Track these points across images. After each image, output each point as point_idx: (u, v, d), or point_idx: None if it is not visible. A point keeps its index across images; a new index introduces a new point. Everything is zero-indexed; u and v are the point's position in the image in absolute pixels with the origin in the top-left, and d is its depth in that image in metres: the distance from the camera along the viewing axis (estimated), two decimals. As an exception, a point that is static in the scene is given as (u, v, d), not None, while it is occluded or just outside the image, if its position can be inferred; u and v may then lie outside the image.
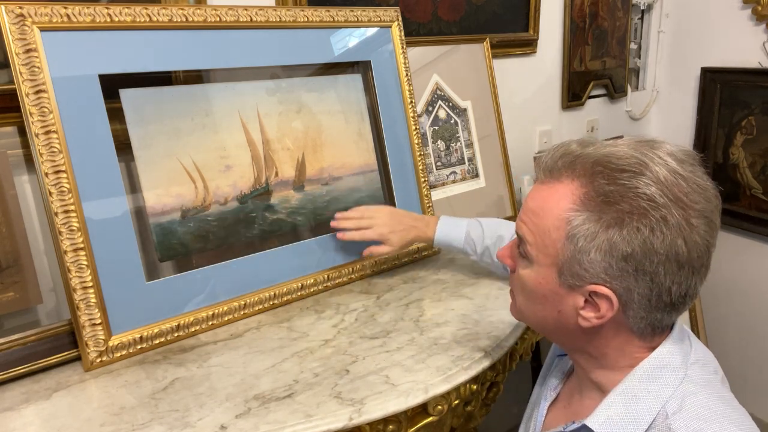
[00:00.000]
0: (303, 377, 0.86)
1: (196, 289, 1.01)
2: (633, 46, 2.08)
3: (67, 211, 0.88)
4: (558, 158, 0.63)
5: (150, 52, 0.97)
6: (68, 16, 0.88)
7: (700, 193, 0.59)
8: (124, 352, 0.93)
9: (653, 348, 0.65)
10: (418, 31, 1.46)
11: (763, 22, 1.81)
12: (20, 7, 0.84)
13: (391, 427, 0.82)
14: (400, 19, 1.28)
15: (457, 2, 1.53)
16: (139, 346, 0.94)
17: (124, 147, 0.95)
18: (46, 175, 0.86)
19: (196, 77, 1.07)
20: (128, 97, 0.96)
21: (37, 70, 0.85)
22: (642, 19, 2.10)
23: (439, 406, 0.85)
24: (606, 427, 0.63)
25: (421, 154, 1.30)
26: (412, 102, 1.29)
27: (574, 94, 1.91)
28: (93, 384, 0.87)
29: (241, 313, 1.05)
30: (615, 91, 2.02)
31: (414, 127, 1.29)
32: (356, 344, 0.95)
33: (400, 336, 0.97)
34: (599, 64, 1.94)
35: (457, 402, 0.88)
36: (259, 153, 1.09)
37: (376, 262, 1.22)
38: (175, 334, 0.98)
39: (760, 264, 1.96)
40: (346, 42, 1.21)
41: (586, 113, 1.99)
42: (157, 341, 0.96)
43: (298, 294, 1.12)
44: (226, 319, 1.03)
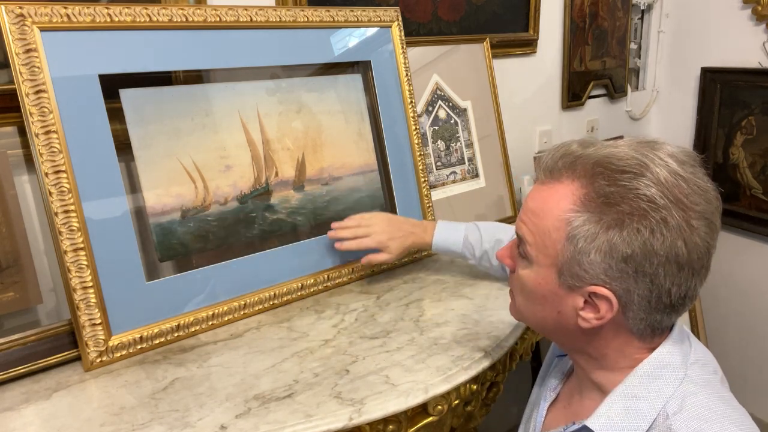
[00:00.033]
0: (303, 377, 0.86)
1: (196, 289, 1.01)
2: (633, 46, 2.08)
3: (67, 211, 0.88)
4: (558, 159, 0.63)
5: (150, 52, 0.97)
6: (68, 16, 0.88)
7: (701, 195, 0.59)
8: (124, 352, 0.93)
9: (653, 349, 0.65)
10: (418, 31, 1.46)
11: (763, 22, 1.81)
12: (20, 7, 0.84)
13: (391, 427, 0.82)
14: (400, 19, 1.28)
15: (457, 2, 1.53)
16: (139, 346, 0.94)
17: (124, 147, 0.95)
18: (46, 175, 0.86)
19: (196, 77, 1.07)
20: (128, 97, 0.96)
21: (37, 70, 0.85)
22: (642, 19, 2.10)
23: (439, 406, 0.85)
24: (607, 428, 0.63)
25: (421, 154, 1.30)
26: (412, 102, 1.29)
27: (574, 94, 1.91)
28: (93, 384, 0.87)
29: (241, 313, 1.05)
30: (615, 91, 2.02)
31: (414, 127, 1.29)
32: (356, 344, 0.95)
33: (400, 336, 0.97)
34: (599, 64, 1.94)
35: (457, 402, 0.88)
36: (259, 153, 1.09)
37: (376, 262, 1.22)
38: (175, 334, 0.98)
39: (760, 264, 1.96)
40: (346, 42, 1.21)
41: (586, 113, 1.99)
42: (157, 341, 0.96)
43: (298, 294, 1.12)
44: (226, 319, 1.03)
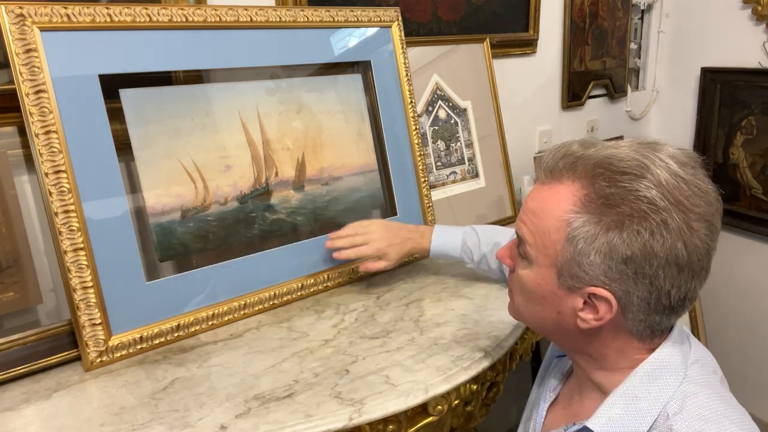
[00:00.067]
0: (303, 377, 0.86)
1: (196, 289, 1.01)
2: (633, 46, 2.08)
3: (67, 211, 0.88)
4: (559, 159, 0.63)
5: (150, 52, 0.97)
6: (68, 16, 0.88)
7: (701, 197, 0.59)
8: (124, 352, 0.93)
9: (653, 349, 0.65)
10: (418, 31, 1.46)
11: (763, 22, 1.81)
12: (20, 7, 0.84)
13: (391, 427, 0.82)
14: (400, 19, 1.28)
15: (457, 2, 1.53)
16: (139, 346, 0.94)
17: (124, 147, 0.95)
18: (46, 175, 0.86)
19: (196, 77, 1.07)
20: (128, 97, 0.96)
21: (37, 70, 0.85)
22: (642, 19, 2.10)
23: (439, 406, 0.85)
24: (607, 429, 0.63)
25: (421, 154, 1.30)
26: (412, 102, 1.29)
27: (574, 94, 1.91)
28: (93, 384, 0.87)
29: (241, 313, 1.05)
30: (615, 91, 2.02)
31: (414, 127, 1.29)
32: (356, 344, 0.95)
33: (400, 336, 0.97)
34: (599, 64, 1.94)
35: (457, 402, 0.88)
36: (259, 153, 1.09)
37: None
38: (175, 334, 0.98)
39: (760, 264, 1.96)
40: (346, 42, 1.21)
41: (586, 113, 1.99)
42: (157, 341, 0.96)
43: (298, 294, 1.12)
44: (226, 319, 1.03)
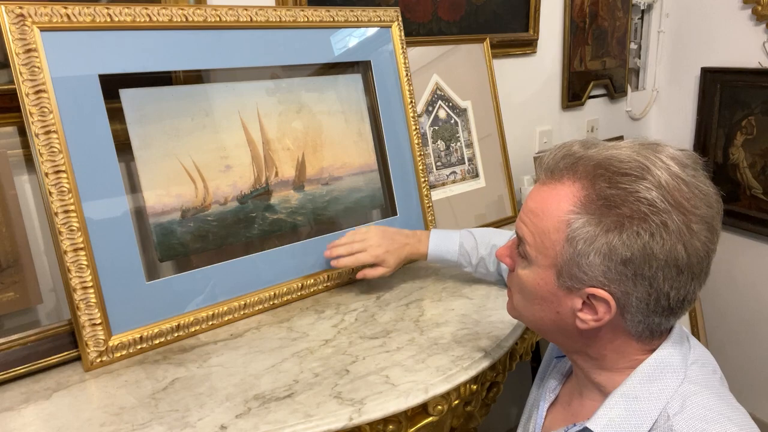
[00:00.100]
0: (303, 377, 0.86)
1: (196, 289, 1.01)
2: (633, 46, 2.08)
3: (67, 211, 0.88)
4: (560, 159, 0.63)
5: (150, 52, 0.97)
6: (68, 16, 0.88)
7: (702, 199, 0.59)
8: (124, 352, 0.93)
9: (652, 350, 0.65)
10: (418, 31, 1.46)
11: (763, 22, 1.81)
12: (20, 7, 0.84)
13: (391, 427, 0.82)
14: (400, 19, 1.28)
15: (457, 2, 1.53)
16: (139, 346, 0.94)
17: (124, 147, 0.95)
18: (46, 175, 0.86)
19: (196, 77, 1.07)
20: (128, 97, 0.96)
21: (37, 70, 0.85)
22: (642, 19, 2.10)
23: (439, 406, 0.85)
24: (608, 430, 0.63)
25: (421, 154, 1.30)
26: (412, 102, 1.29)
27: (574, 94, 1.91)
28: (93, 384, 0.87)
29: (241, 313, 1.05)
30: (615, 91, 2.02)
31: (414, 127, 1.29)
32: (356, 344, 0.95)
33: (400, 336, 0.97)
34: (599, 64, 1.94)
35: (457, 402, 0.88)
36: (259, 153, 1.09)
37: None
38: (175, 334, 0.98)
39: (760, 264, 1.97)
40: (346, 42, 1.21)
41: (586, 113, 1.99)
42: (157, 341, 0.96)
43: (298, 294, 1.12)
44: (226, 319, 1.03)
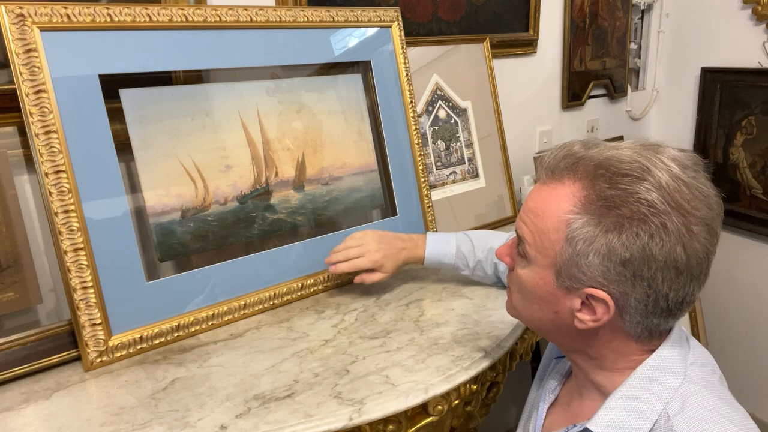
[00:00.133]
0: (303, 377, 0.86)
1: (196, 289, 1.01)
2: (633, 46, 2.08)
3: (67, 211, 0.88)
4: (561, 159, 0.63)
5: (150, 52, 0.97)
6: (68, 16, 0.88)
7: (702, 200, 0.59)
8: (124, 352, 0.93)
9: (652, 350, 0.65)
10: (418, 31, 1.46)
11: (763, 22, 1.81)
12: (20, 7, 0.84)
13: (391, 427, 0.82)
14: (400, 19, 1.28)
15: (457, 2, 1.53)
16: (139, 346, 0.94)
17: (124, 147, 0.95)
18: (46, 175, 0.86)
19: (196, 77, 1.07)
20: (128, 97, 0.96)
21: (37, 70, 0.85)
22: (642, 19, 2.10)
23: (439, 406, 0.85)
24: (608, 430, 0.63)
25: (421, 154, 1.30)
26: (412, 102, 1.29)
27: (574, 94, 1.91)
28: (93, 384, 0.87)
29: (241, 313, 1.05)
30: (615, 91, 2.02)
31: (414, 127, 1.29)
32: (356, 344, 0.95)
33: (400, 336, 0.97)
34: (599, 64, 1.94)
35: (457, 402, 0.88)
36: (259, 153, 1.09)
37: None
38: (175, 334, 0.98)
39: (760, 264, 1.97)
40: (346, 42, 1.21)
41: (586, 113, 1.99)
42: (157, 341, 0.96)
43: (298, 294, 1.12)
44: (226, 319, 1.03)
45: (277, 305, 1.09)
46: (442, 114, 1.46)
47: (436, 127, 1.45)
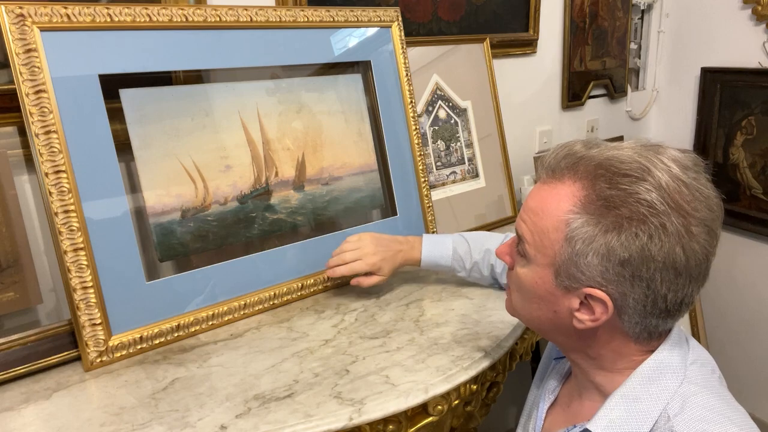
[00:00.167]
0: (303, 377, 0.86)
1: (196, 289, 1.01)
2: (633, 46, 2.08)
3: (67, 211, 0.88)
4: (561, 158, 0.63)
5: (150, 52, 0.97)
6: (68, 16, 0.88)
7: (702, 201, 0.59)
8: (124, 352, 0.93)
9: (651, 351, 0.65)
10: (418, 31, 1.46)
11: (763, 22, 1.81)
12: (20, 7, 0.84)
13: (391, 427, 0.82)
14: (400, 19, 1.28)
15: (457, 2, 1.53)
16: (139, 346, 0.94)
17: (124, 147, 0.95)
18: (46, 175, 0.86)
19: (196, 77, 1.07)
20: (128, 97, 0.96)
21: (37, 70, 0.85)
22: (642, 19, 2.10)
23: (439, 406, 0.85)
24: (608, 431, 0.63)
25: (421, 154, 1.30)
26: (412, 102, 1.29)
27: (574, 94, 1.91)
28: (93, 384, 0.87)
29: (241, 313, 1.05)
30: (615, 91, 2.02)
31: (414, 127, 1.29)
32: (356, 344, 0.95)
33: (400, 336, 0.97)
34: (599, 64, 1.94)
35: (457, 402, 0.88)
36: (259, 153, 1.09)
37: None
38: (175, 334, 0.98)
39: (760, 264, 1.97)
40: (346, 42, 1.21)
41: (586, 113, 1.99)
42: (157, 341, 0.96)
43: (298, 294, 1.12)
44: (226, 319, 1.03)
45: (277, 305, 1.09)
46: (442, 114, 1.46)
47: (436, 127, 1.45)
